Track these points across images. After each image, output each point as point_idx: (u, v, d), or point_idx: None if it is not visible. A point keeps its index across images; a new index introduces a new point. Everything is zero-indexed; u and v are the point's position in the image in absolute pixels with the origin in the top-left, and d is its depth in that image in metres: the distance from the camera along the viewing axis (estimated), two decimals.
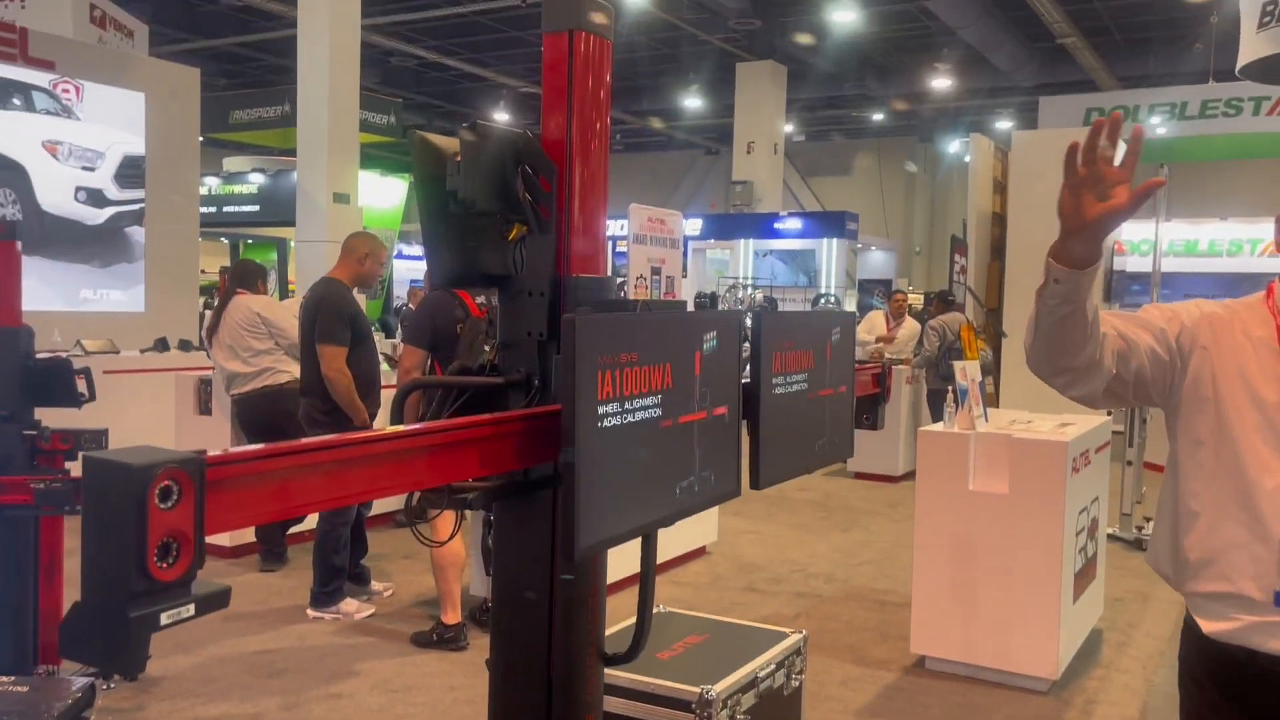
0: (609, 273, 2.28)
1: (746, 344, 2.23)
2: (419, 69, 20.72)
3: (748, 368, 2.24)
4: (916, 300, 19.30)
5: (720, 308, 16.70)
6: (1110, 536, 6.58)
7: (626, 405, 1.64)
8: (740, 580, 5.78)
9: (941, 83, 19.47)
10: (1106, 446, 5.01)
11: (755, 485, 2.29)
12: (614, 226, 20.46)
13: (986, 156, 10.51)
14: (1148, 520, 6.83)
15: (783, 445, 2.39)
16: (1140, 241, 14.11)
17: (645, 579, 2.16)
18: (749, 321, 2.36)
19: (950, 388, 4.66)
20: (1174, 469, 1.84)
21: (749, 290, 16.71)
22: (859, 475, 8.92)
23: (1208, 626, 1.76)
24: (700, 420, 1.89)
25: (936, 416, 6.28)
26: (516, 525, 2.04)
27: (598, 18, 2.04)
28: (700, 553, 6.20)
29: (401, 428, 1.48)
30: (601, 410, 1.57)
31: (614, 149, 29.92)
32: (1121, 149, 1.67)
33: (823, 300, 17.97)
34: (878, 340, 9.75)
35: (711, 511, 6.11)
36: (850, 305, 19.71)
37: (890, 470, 8.88)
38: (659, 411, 1.74)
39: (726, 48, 18.07)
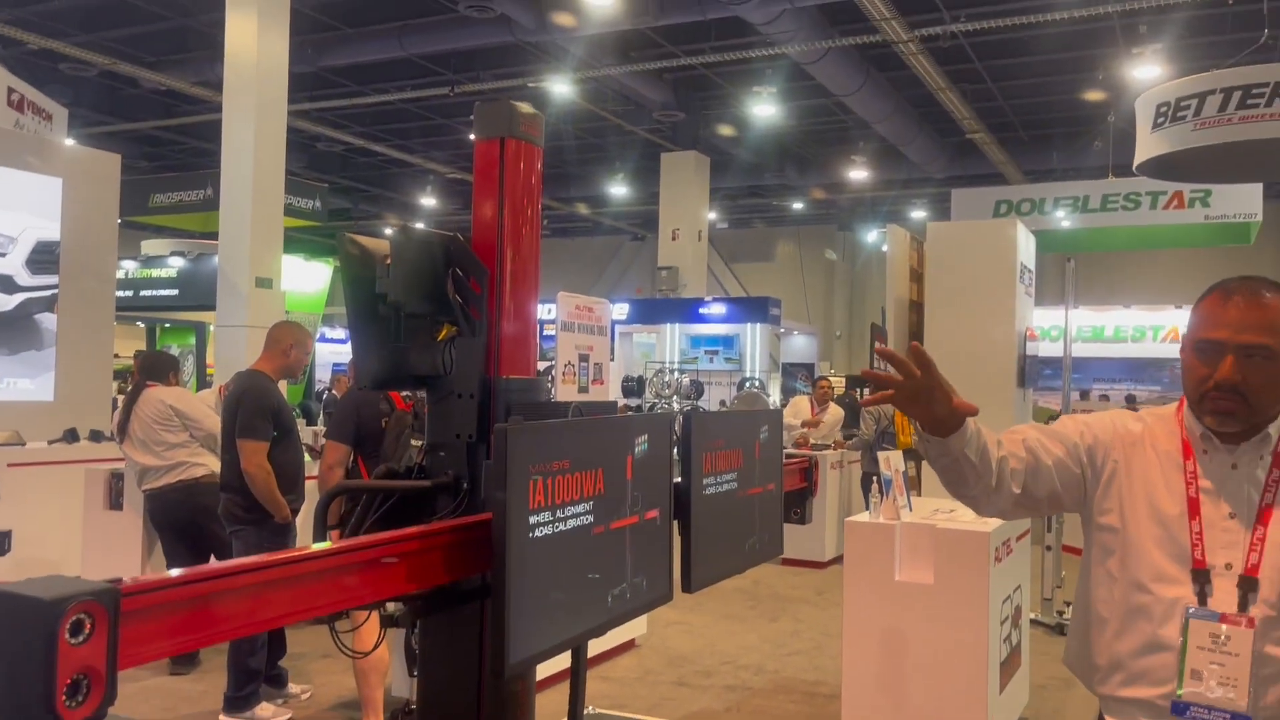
0: (538, 359, 2.28)
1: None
2: (345, 154, 20.77)
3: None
4: (839, 384, 19.64)
5: (647, 392, 16.77)
6: (1032, 622, 6.67)
7: (558, 514, 1.62)
8: (670, 674, 5.70)
9: (858, 174, 20.16)
10: (1027, 534, 5.11)
11: (687, 588, 2.29)
12: (542, 311, 20.60)
13: (903, 246, 10.84)
14: (1068, 605, 6.95)
15: (714, 546, 2.39)
16: (1050, 328, 14.61)
17: (575, 688, 2.12)
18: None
19: (875, 477, 4.73)
20: (1086, 573, 1.91)
21: (676, 375, 16.82)
22: (786, 561, 8.92)
23: None
24: (632, 525, 1.88)
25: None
26: (443, 635, 1.99)
27: (528, 126, 2.08)
28: (629, 646, 6.10)
29: (325, 546, 1.44)
30: (533, 520, 1.55)
31: (542, 234, 30.19)
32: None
33: (748, 384, 18.15)
34: (803, 425, 9.85)
35: None
36: (774, 389, 19.96)
37: (817, 556, 8.91)
38: (591, 518, 1.73)
39: (651, 138, 18.51)
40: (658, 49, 14.89)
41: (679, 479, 2.24)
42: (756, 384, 18.10)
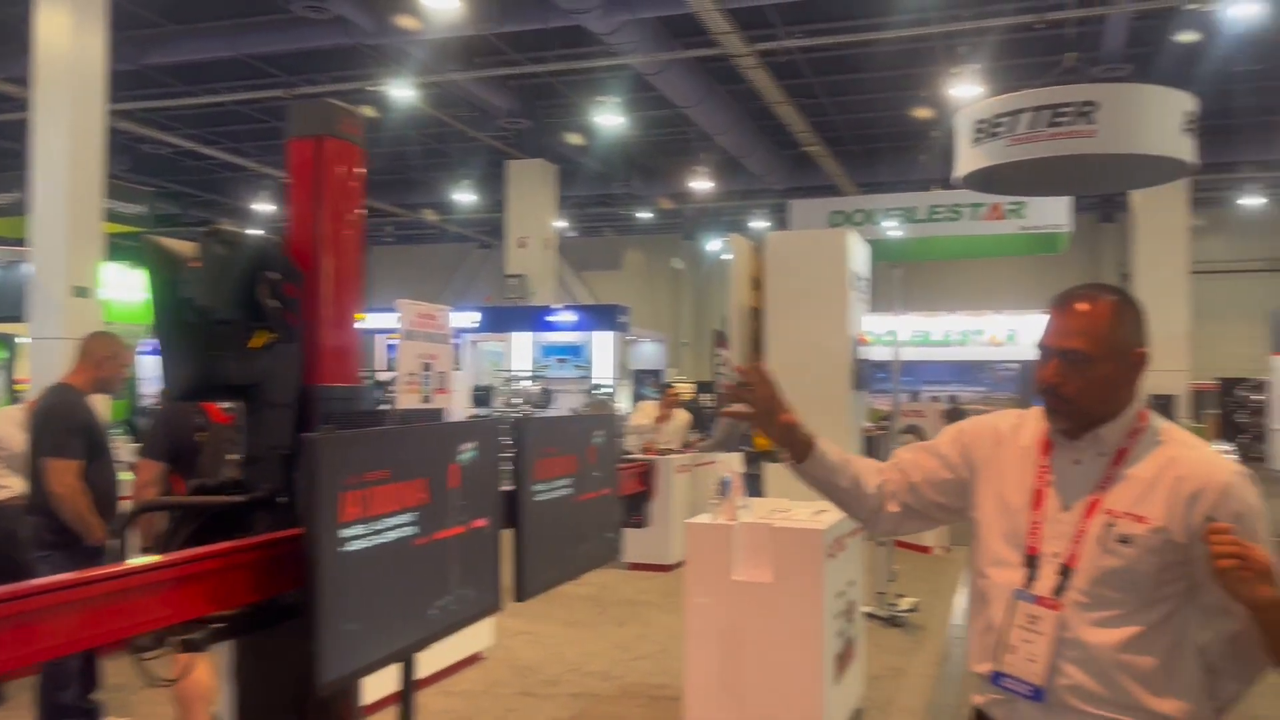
0: (384, 368, 2.22)
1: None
2: (174, 156, 19.76)
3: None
4: (687, 389, 19.95)
5: (496, 401, 16.61)
6: (868, 615, 6.93)
7: (376, 526, 1.57)
8: (516, 685, 5.64)
9: (702, 184, 20.56)
10: (860, 529, 5.29)
11: (519, 597, 2.26)
12: (388, 320, 19.92)
13: (745, 255, 11.10)
14: (900, 598, 7.25)
15: (548, 553, 2.38)
16: (884, 333, 15.25)
17: (405, 705, 2.06)
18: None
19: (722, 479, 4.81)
20: (970, 562, 2.07)
21: (525, 383, 16.71)
22: (634, 566, 8.98)
23: (975, 700, 1.98)
24: (458, 535, 1.84)
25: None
26: (261, 656, 1.90)
27: (347, 125, 2.02)
28: (474, 659, 6.00)
29: (115, 567, 1.35)
30: (346, 534, 1.50)
31: (385, 241, 29.50)
32: None
33: (598, 391, 18.22)
34: (655, 420, 9.95)
35: None
36: (624, 396, 20.09)
37: (663, 559, 8.99)
38: (414, 529, 1.69)
39: (498, 145, 18.37)
40: (502, 56, 14.81)
41: (511, 486, 2.22)
42: (606, 392, 18.19)
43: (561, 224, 23.22)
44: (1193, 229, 19.60)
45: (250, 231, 2.02)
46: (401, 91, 15.06)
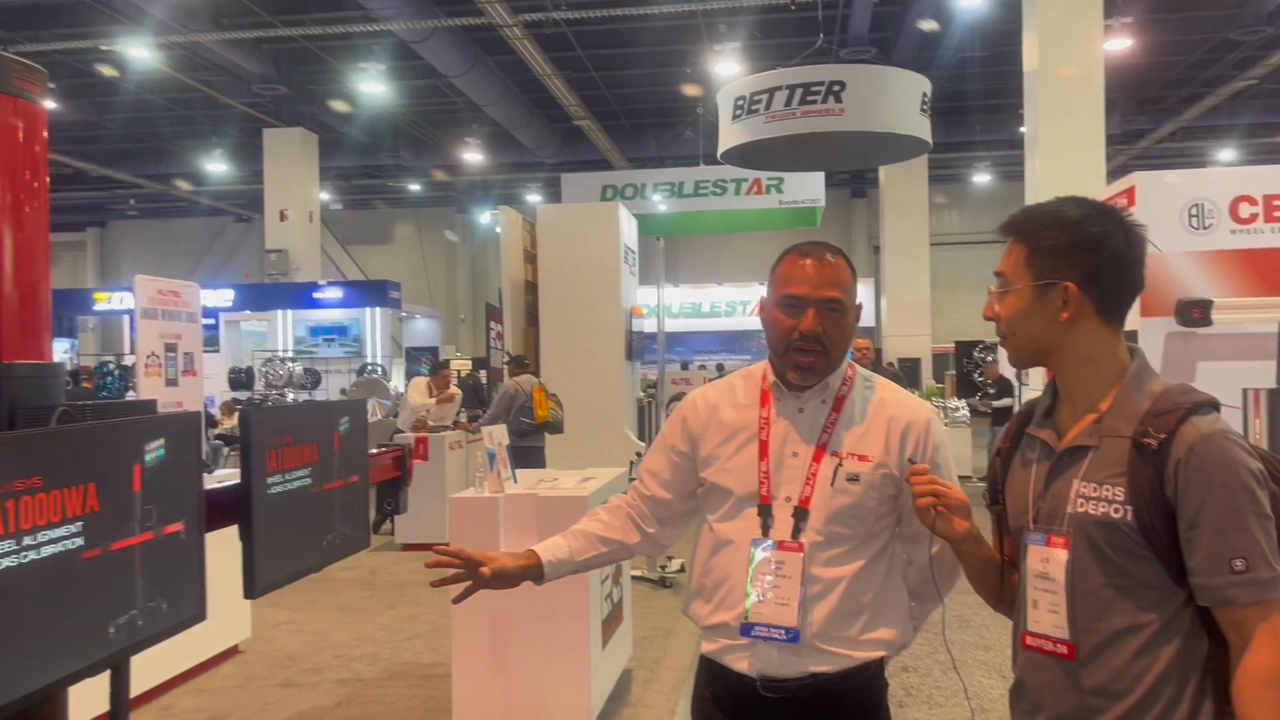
0: (126, 351, 2.03)
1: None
2: None
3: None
4: (465, 366, 19.70)
5: (257, 384, 15.78)
6: (638, 578, 7.10)
7: (25, 541, 1.39)
8: (276, 676, 5.40)
9: (473, 156, 20.26)
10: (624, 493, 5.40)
11: (249, 594, 2.15)
12: (121, 300, 18.45)
13: (516, 228, 11.05)
14: (669, 559, 7.47)
15: (283, 547, 2.27)
16: (657, 305, 15.61)
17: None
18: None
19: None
20: (696, 532, 2.10)
21: (288, 364, 15.94)
22: (408, 547, 8.81)
23: (705, 647, 2.02)
24: (145, 543, 1.68)
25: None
26: None
27: (24, 81, 1.82)
28: (232, 653, 5.70)
29: None
30: None
31: (128, 215, 27.34)
32: None
33: (368, 370, 17.65)
34: (426, 408, 9.73)
35: (244, 605, 5.67)
36: (398, 374, 19.59)
37: (440, 538, 8.85)
38: (79, 542, 1.51)
39: (252, 112, 17.35)
40: (253, 18, 13.96)
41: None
42: (378, 370, 17.65)
43: (326, 196, 22.29)
44: (933, 204, 21.25)
45: None
46: (139, 52, 13.92)
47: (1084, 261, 1.61)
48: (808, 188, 15.07)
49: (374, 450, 3.31)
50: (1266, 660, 1.46)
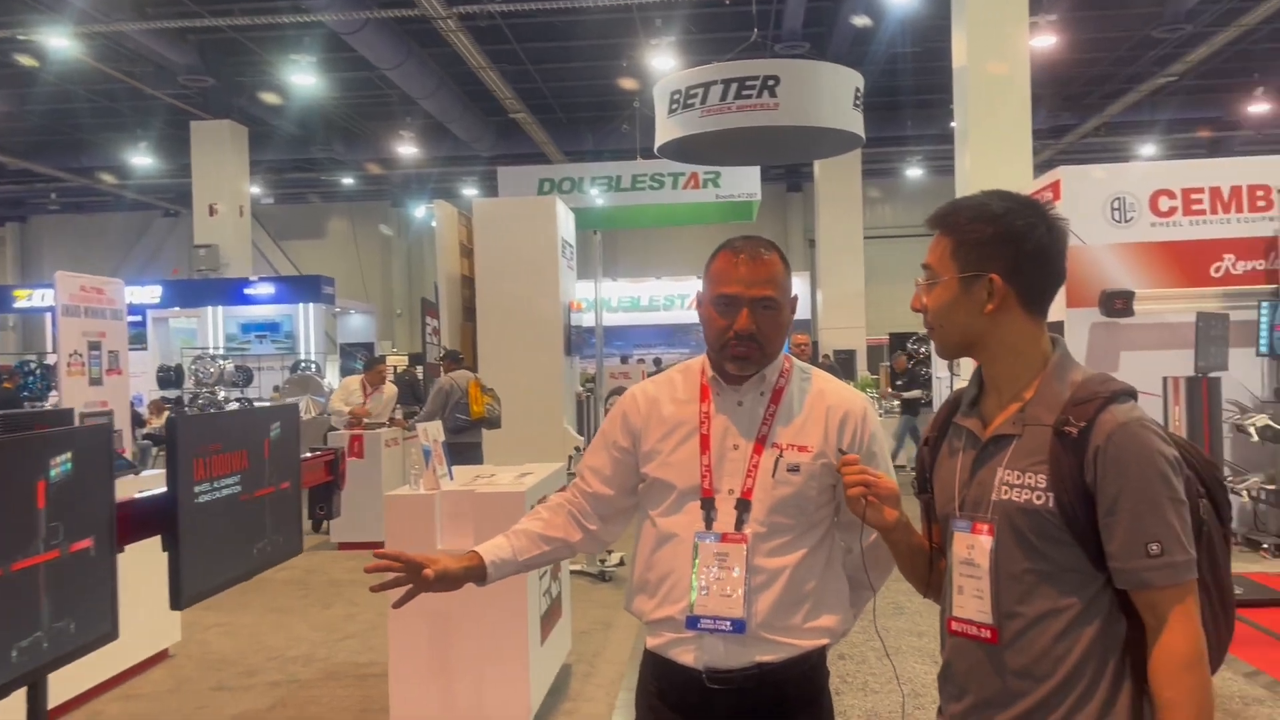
0: (49, 349, 1.96)
1: None
2: None
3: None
4: (401, 362, 19.46)
5: (187, 382, 15.42)
6: (578, 572, 7.10)
7: None
8: (209, 680, 5.29)
9: (408, 150, 20.01)
10: (564, 490, 5.38)
11: (176, 605, 2.11)
12: (42, 297, 17.91)
13: (451, 222, 10.95)
14: (609, 553, 7.47)
15: (211, 556, 2.23)
16: (595, 299, 15.58)
17: None
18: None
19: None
20: (638, 527, 2.10)
21: (219, 361, 15.59)
22: (343, 546, 8.69)
23: (650, 642, 2.02)
24: (51, 561, 1.62)
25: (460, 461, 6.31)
26: None
27: None
28: (161, 657, 5.57)
29: None
30: None
31: (49, 209, 26.54)
32: None
33: (301, 367, 17.34)
34: (350, 413, 9.59)
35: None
36: (332, 371, 19.30)
37: (376, 537, 8.72)
38: None
39: (179, 104, 16.93)
40: (178, 7, 13.62)
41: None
42: (311, 367, 17.37)
43: (256, 190, 21.86)
44: (866, 198, 21.52)
45: None
46: (60, 41, 13.51)
47: (1008, 254, 1.64)
48: (744, 182, 15.19)
49: (306, 455, 3.26)
50: (1181, 641, 1.50)
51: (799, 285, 23.25)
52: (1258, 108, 17.85)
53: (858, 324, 19.90)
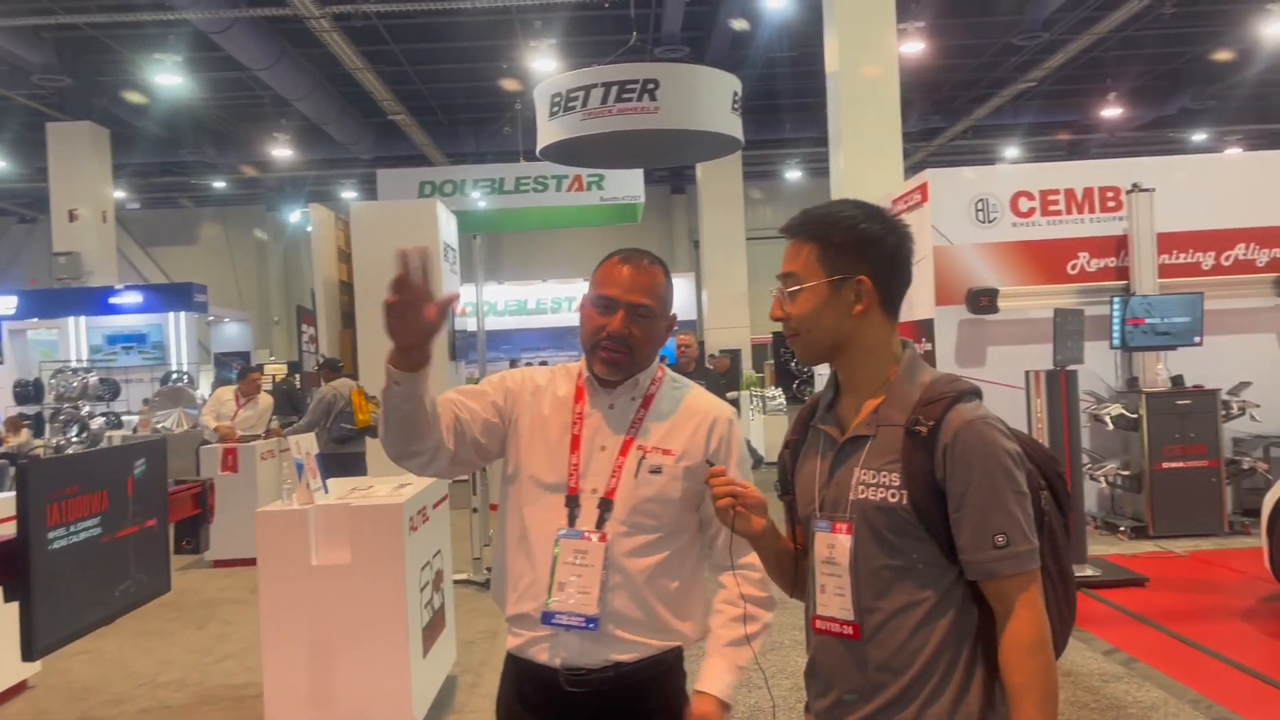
0: None
1: None
2: None
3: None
4: (279, 371, 18.87)
5: (47, 396, 14.64)
6: (465, 581, 7.01)
7: None
8: (71, 711, 5.03)
9: (283, 152, 19.44)
10: (445, 499, 5.31)
11: (28, 657, 2.00)
12: None
13: (328, 226, 10.68)
14: None
15: (68, 603, 2.13)
16: (482, 303, 15.43)
17: None
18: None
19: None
20: (502, 514, 2.11)
21: (82, 374, 14.84)
22: (218, 564, 8.38)
23: (510, 643, 2.03)
24: None
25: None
26: None
27: None
28: (20, 689, 5.28)
29: None
30: None
31: None
32: None
33: (172, 379, 16.66)
34: (217, 429, 9.26)
35: None
36: (206, 382, 18.61)
37: (251, 554, 8.44)
38: None
39: (34, 105, 16.08)
40: (31, 3, 12.93)
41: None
42: (183, 379, 16.70)
43: (121, 195, 20.93)
44: (748, 200, 21.89)
45: None
46: None
47: (873, 256, 1.69)
48: (628, 184, 15.23)
49: (173, 486, 3.13)
50: (1027, 628, 1.57)
51: (684, 286, 23.49)
52: (1110, 112, 18.84)
53: (742, 323, 20.21)
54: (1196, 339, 7.86)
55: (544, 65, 14.12)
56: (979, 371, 8.13)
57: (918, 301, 8.33)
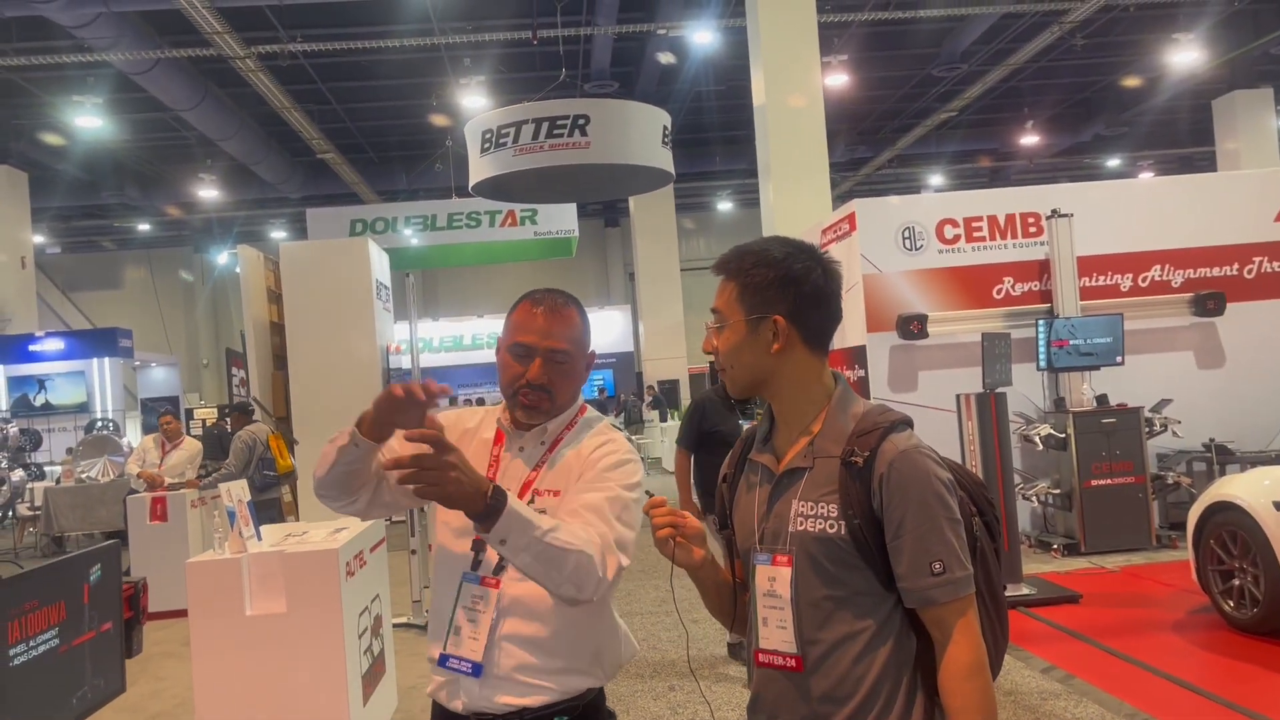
0: None
1: None
2: None
3: None
4: (209, 415, 18.47)
5: None
6: (405, 625, 6.89)
7: None
8: None
9: (209, 193, 19.14)
10: (383, 542, 5.22)
11: None
12: None
13: (257, 267, 10.51)
14: None
15: (31, 715, 2.07)
16: (418, 340, 15.27)
17: None
18: None
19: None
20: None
21: (2, 426, 14.34)
22: (149, 617, 8.10)
23: (429, 688, 2.04)
24: None
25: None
26: None
27: None
28: None
29: None
30: None
31: None
32: None
33: (97, 427, 16.19)
34: (140, 476, 9.02)
35: None
36: (133, 428, 18.14)
37: (182, 605, 8.20)
38: None
39: None
40: None
41: None
42: (109, 426, 16.24)
43: (40, 239, 20.39)
44: (682, 231, 22.09)
45: None
46: None
47: (790, 296, 1.71)
48: (561, 219, 15.29)
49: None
50: (964, 653, 1.60)
51: (620, 318, 23.53)
52: (1029, 139, 19.43)
53: (679, 354, 20.31)
54: (1119, 358, 8.10)
55: (474, 102, 14.13)
56: (911, 396, 8.27)
57: (850, 329, 8.45)
